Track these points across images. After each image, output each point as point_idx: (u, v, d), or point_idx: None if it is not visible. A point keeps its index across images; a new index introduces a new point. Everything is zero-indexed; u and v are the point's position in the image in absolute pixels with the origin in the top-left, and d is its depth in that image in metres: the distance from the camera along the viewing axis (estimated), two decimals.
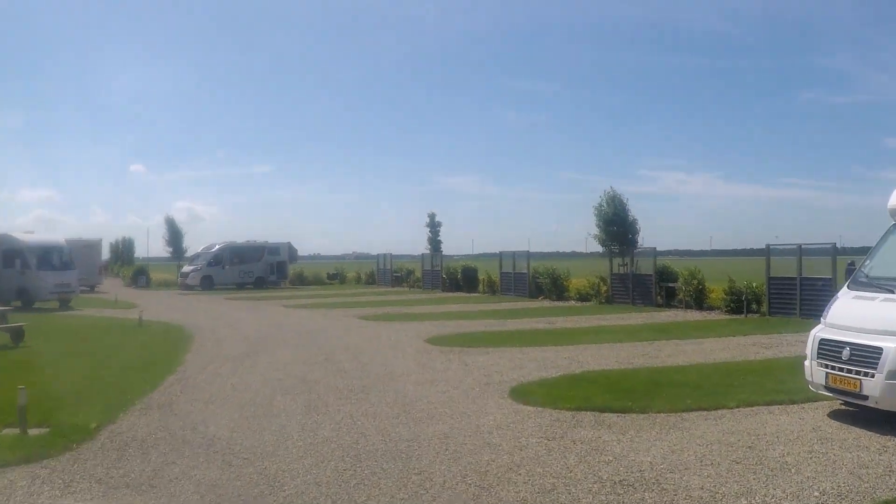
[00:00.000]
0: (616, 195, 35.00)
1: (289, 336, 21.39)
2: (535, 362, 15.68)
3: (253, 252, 54.88)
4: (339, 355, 16.98)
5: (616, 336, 20.61)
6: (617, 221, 34.61)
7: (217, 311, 32.44)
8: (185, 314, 30.10)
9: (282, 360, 16.30)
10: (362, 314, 29.08)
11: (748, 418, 10.35)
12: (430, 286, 49.19)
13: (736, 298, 28.41)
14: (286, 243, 56.79)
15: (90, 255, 50.09)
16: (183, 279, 52.97)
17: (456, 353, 17.20)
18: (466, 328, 23.26)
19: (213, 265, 52.99)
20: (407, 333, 21.71)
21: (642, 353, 17.17)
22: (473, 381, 13.50)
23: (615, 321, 25.56)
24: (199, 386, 13.19)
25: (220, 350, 18.34)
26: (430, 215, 51.13)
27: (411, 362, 15.85)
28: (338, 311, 31.34)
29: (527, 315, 28.29)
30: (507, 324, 24.78)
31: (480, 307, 32.97)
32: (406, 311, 31.00)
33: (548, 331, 22.48)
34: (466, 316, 27.98)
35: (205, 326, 24.39)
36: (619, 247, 34.73)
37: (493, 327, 23.62)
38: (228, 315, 29.72)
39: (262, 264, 54.59)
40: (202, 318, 27.83)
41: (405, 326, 23.95)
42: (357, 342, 19.76)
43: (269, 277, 54.74)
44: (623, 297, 33.65)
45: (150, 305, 35.84)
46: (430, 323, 25.00)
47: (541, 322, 25.35)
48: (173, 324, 25.30)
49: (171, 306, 35.73)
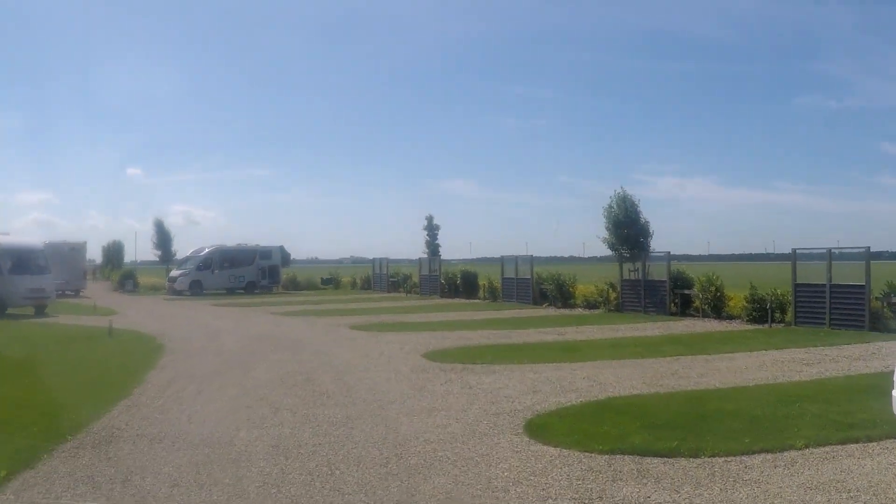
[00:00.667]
0: (627, 196, 32.82)
1: (269, 349, 19.21)
2: (550, 384, 13.52)
3: (244, 256, 52.67)
4: (323, 374, 14.78)
5: (635, 350, 18.48)
6: (628, 224, 32.43)
7: (199, 318, 30.26)
8: (163, 322, 27.95)
9: (256, 380, 14.11)
10: (354, 323, 26.89)
11: (826, 463, 8.24)
12: (427, 292, 47.00)
13: (758, 307, 26.34)
14: (278, 246, 54.63)
15: (74, 259, 48.00)
16: (171, 284, 50.72)
17: (457, 372, 15.02)
18: (468, 340, 21.10)
19: (202, 269, 50.74)
20: (402, 346, 19.54)
21: (670, 372, 15.02)
22: (480, 410, 11.32)
23: (630, 332, 23.43)
24: (152, 416, 10.99)
25: (189, 366, 16.16)
26: (427, 218, 48.97)
27: (406, 384, 13.65)
28: (328, 319, 29.15)
29: (533, 325, 26.13)
30: (513, 335, 22.63)
31: (482, 315, 30.80)
32: (402, 319, 28.82)
33: (558, 344, 20.32)
34: (467, 325, 25.80)
35: (180, 337, 22.24)
36: (629, 251, 32.57)
37: (498, 339, 21.45)
38: (210, 324, 27.54)
39: (254, 268, 52.36)
40: (180, 327, 25.67)
41: (400, 338, 21.78)
42: (345, 357, 17.57)
43: (260, 282, 52.51)
44: (634, 305, 31.53)
45: (130, 312, 33.71)
46: (428, 334, 22.82)
47: (549, 333, 23.20)
48: (147, 334, 23.13)
49: (152, 313, 33.55)
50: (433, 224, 48.68)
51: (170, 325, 26.88)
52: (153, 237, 58.27)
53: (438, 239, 48.68)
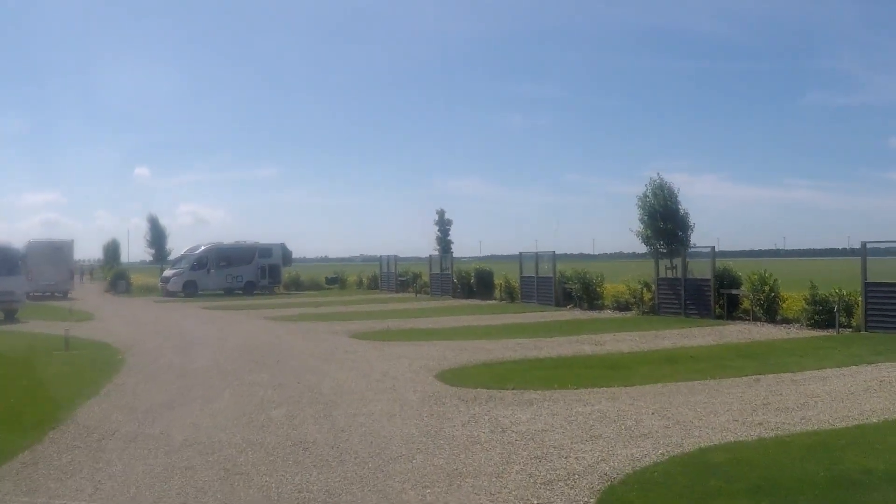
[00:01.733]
0: (664, 183, 29.18)
1: (248, 367, 15.70)
2: (610, 424, 9.98)
3: (242, 254, 49.17)
4: (306, 408, 11.24)
5: (697, 367, 14.94)
6: (665, 215, 28.81)
7: (182, 324, 26.82)
8: (140, 330, 24.57)
9: (214, 419, 10.59)
10: (356, 330, 23.38)
11: None
12: (439, 292, 43.47)
13: (821, 309, 22.80)
14: (279, 244, 51.14)
15: (60, 259, 44.63)
16: (163, 285, 47.32)
17: (483, 403, 11.47)
18: (489, 353, 17.58)
19: (196, 269, 47.27)
20: (410, 362, 16.02)
21: (759, 402, 11.49)
22: (522, 473, 7.78)
23: (679, 340, 19.92)
24: (44, 485, 7.51)
25: (139, 393, 12.69)
26: (438, 212, 45.32)
27: (414, 425, 10.09)
28: (327, 325, 25.63)
29: (561, 330, 22.64)
30: (542, 345, 19.11)
31: (502, 319, 27.26)
32: (411, 325, 25.28)
33: (600, 358, 16.79)
34: (487, 333, 22.26)
35: (149, 349, 18.85)
36: (667, 246, 28.97)
37: (525, 351, 17.93)
38: (192, 331, 24.08)
39: (253, 267, 48.86)
40: (155, 336, 22.27)
41: (408, 350, 18.27)
42: (339, 379, 14.02)
43: (259, 282, 49.01)
44: (672, 307, 27.96)
45: (109, 317, 30.35)
46: (442, 344, 19.29)
47: (584, 342, 19.71)
48: (112, 345, 19.73)
49: (133, 318, 30.14)
50: (445, 219, 45.10)
51: (146, 333, 23.52)
52: (146, 235, 54.87)
53: (451, 235, 45.13)
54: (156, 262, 55.42)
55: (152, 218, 54.76)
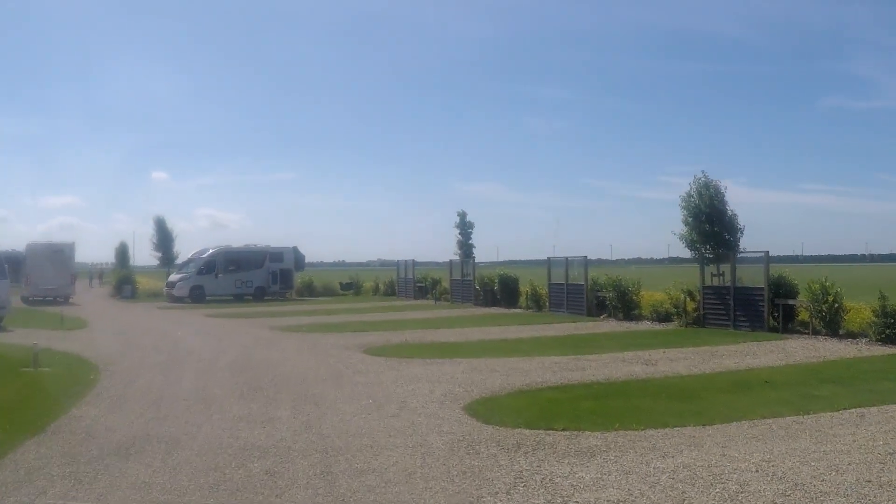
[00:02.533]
0: (710, 182, 26.42)
1: (237, 393, 13.10)
2: (708, 489, 7.29)
3: (252, 258, 46.74)
4: (298, 460, 8.54)
5: (782, 398, 12.31)
6: (712, 217, 26.08)
7: (179, 335, 24.30)
8: (128, 341, 22.12)
9: (174, 478, 7.95)
10: (370, 344, 20.77)
11: None
12: (460, 299, 40.83)
13: (892, 322, 20.10)
14: (291, 248, 48.60)
15: (60, 262, 42.30)
16: (169, 290, 44.93)
17: (529, 454, 8.77)
18: (526, 376, 14.92)
19: (203, 273, 44.87)
20: (432, 388, 13.40)
21: (884, 450, 8.82)
22: None
23: (741, 359, 17.27)
24: None
25: (95, 430, 10.13)
26: (459, 214, 42.55)
27: (442, 491, 7.38)
28: (338, 337, 23.03)
29: (602, 346, 20.00)
30: (585, 364, 16.48)
31: (532, 331, 24.58)
32: (432, 337, 22.64)
33: (659, 383, 14.11)
34: (518, 348, 19.64)
35: (129, 366, 16.35)
36: (713, 250, 26.23)
37: (568, 373, 15.27)
38: (186, 343, 21.56)
39: (263, 272, 46.40)
40: (143, 350, 19.79)
41: (430, 370, 15.64)
42: (345, 414, 11.37)
43: (270, 287, 46.57)
44: (719, 318, 25.27)
45: (102, 326, 27.94)
46: (468, 363, 16.66)
47: (632, 360, 17.09)
48: (89, 361, 17.26)
49: (127, 326, 27.72)
50: (466, 221, 42.35)
51: (135, 345, 21.06)
52: (153, 237, 52.43)
53: (472, 238, 42.41)
54: (163, 266, 53.02)
55: (158, 220, 52.39)
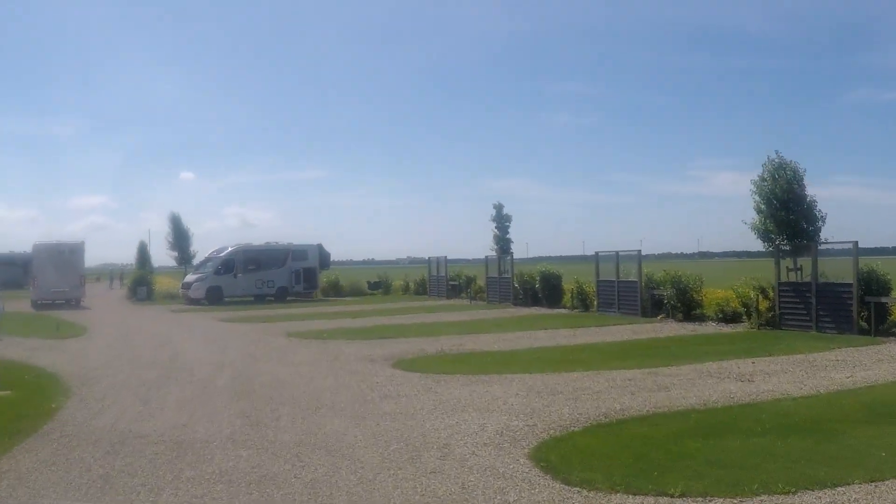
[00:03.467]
0: (786, 163, 23.00)
1: (227, 432, 9.91)
2: None
3: (273, 256, 43.74)
4: None
5: None
6: (788, 203, 22.71)
7: (180, 345, 21.27)
8: (121, 352, 19.20)
9: None
10: (401, 354, 17.63)
11: None
12: (497, 298, 37.53)
13: None
14: (315, 245, 45.59)
15: (69, 263, 39.62)
16: (185, 291, 42.10)
17: None
18: (598, 399, 11.68)
19: (221, 273, 41.91)
20: (483, 421, 10.17)
21: None
22: None
23: (855, 372, 14.00)
24: None
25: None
26: (496, 206, 39.33)
27: None
28: (363, 345, 19.86)
29: (674, 355, 16.74)
30: (666, 381, 13.23)
31: (586, 336, 21.29)
32: (472, 345, 19.43)
33: (773, 408, 10.80)
34: (577, 359, 16.36)
35: (104, 389, 13.33)
36: (790, 241, 22.85)
37: (649, 395, 12.00)
38: (185, 355, 18.52)
39: (286, 271, 43.44)
40: (131, 364, 16.80)
41: (477, 393, 12.41)
42: (369, 469, 8.10)
43: (293, 287, 43.58)
44: (799, 319, 21.90)
45: (102, 332, 25.14)
46: (522, 382, 13.42)
47: (721, 375, 13.90)
48: (62, 380, 14.34)
49: (128, 334, 24.79)
50: (503, 214, 39.11)
51: (126, 358, 18.13)
52: (168, 236, 49.60)
53: (510, 233, 39.15)
54: (179, 266, 50.19)
55: (174, 217, 49.51)
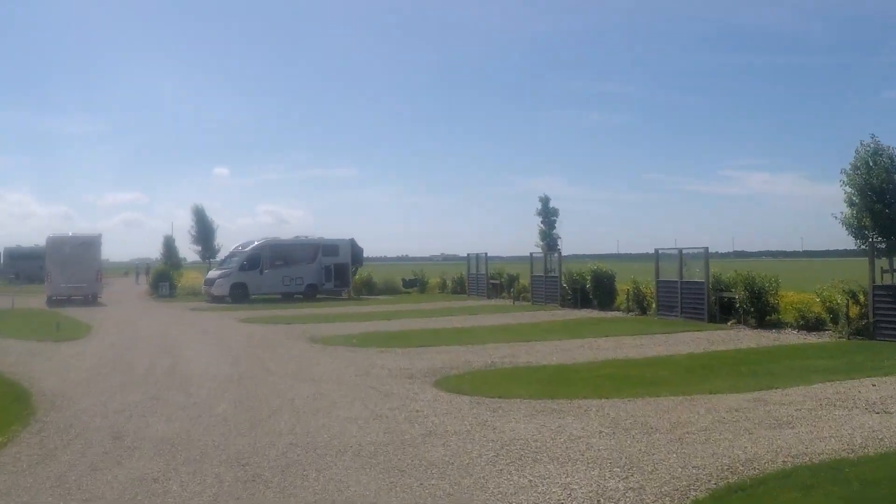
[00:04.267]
0: (882, 148, 19.98)
1: (206, 498, 7.20)
2: None
3: (302, 252, 40.95)
4: None
5: None
6: (885, 194, 19.66)
7: (185, 351, 18.55)
8: (114, 362, 16.55)
9: None
10: (443, 368, 14.75)
11: None
12: (542, 299, 34.50)
13: None
14: (347, 240, 42.78)
15: (84, 257, 37.21)
16: (207, 288, 39.49)
17: None
18: (709, 440, 8.76)
19: (247, 269, 39.16)
20: (569, 483, 7.20)
21: None
22: None
23: None
24: None
25: None
26: (542, 200, 36.54)
27: None
28: (399, 356, 16.97)
29: (773, 374, 13.72)
30: (783, 414, 10.27)
31: (655, 346, 18.26)
32: (526, 356, 16.48)
33: None
34: (660, 379, 13.32)
35: (73, 415, 10.60)
36: (886, 238, 19.74)
37: (772, 434, 9.07)
38: (185, 367, 15.73)
39: (315, 267, 40.71)
40: (122, 377, 14.13)
41: (547, 431, 9.43)
42: None
43: (323, 285, 40.83)
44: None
45: (105, 333, 22.65)
46: (603, 413, 10.42)
47: (841, 402, 11.06)
48: (33, 397, 11.80)
49: (134, 337, 22.06)
50: (549, 208, 36.25)
51: (119, 369, 15.48)
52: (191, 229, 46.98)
53: (557, 228, 36.20)
54: (203, 261, 47.60)
55: (197, 209, 46.82)
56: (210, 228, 46.62)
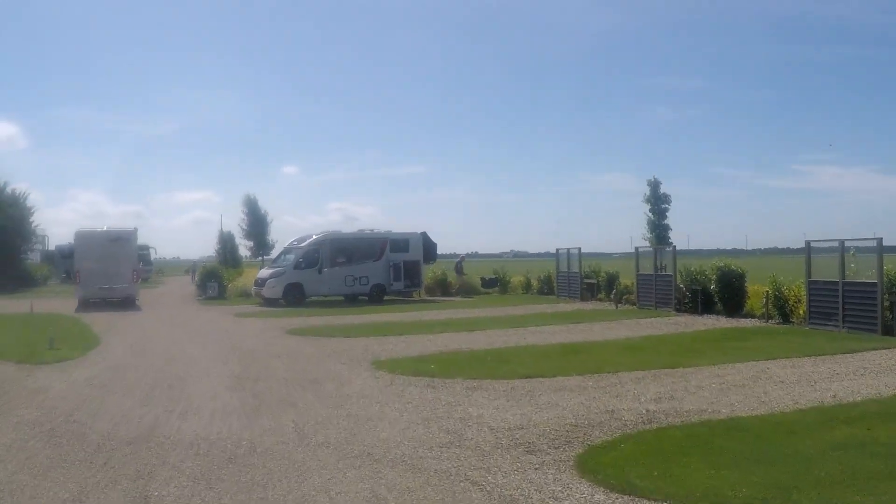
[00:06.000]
0: None
1: None
2: None
3: (367, 247, 35.51)
4: None
5: None
6: None
7: (196, 389, 13.26)
8: (86, 400, 11.33)
9: None
10: (579, 424, 9.16)
11: None
12: (651, 302, 28.43)
13: None
14: (419, 234, 37.23)
15: (118, 254, 32.30)
16: (258, 289, 34.34)
17: None
18: None
19: (303, 267, 33.81)
20: None
21: None
22: None
23: None
24: None
25: None
26: (650, 183, 30.48)
27: None
28: (501, 397, 11.29)
29: None
30: None
31: (858, 378, 12.39)
32: (693, 402, 10.77)
33: None
34: None
35: None
36: None
37: None
38: (185, 421, 10.47)
39: (382, 265, 35.23)
40: (83, 440, 8.95)
41: None
42: None
43: (391, 285, 35.31)
44: None
45: (112, 348, 17.72)
46: None
47: None
48: None
49: (145, 354, 16.91)
50: (659, 194, 30.21)
51: (92, 412, 10.32)
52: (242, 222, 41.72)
53: (668, 218, 30.20)
54: (255, 258, 42.35)
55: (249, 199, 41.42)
56: (263, 221, 41.23)
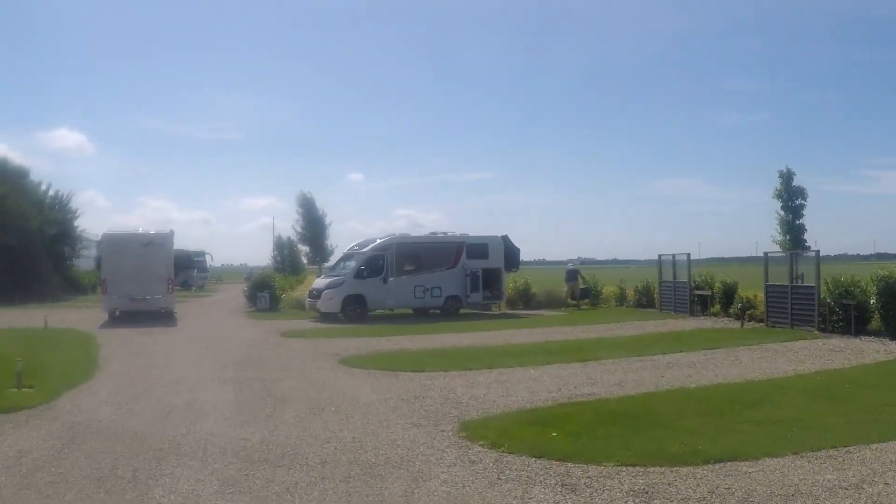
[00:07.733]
0: None
1: None
2: None
3: (440, 252, 30.61)
4: None
5: None
6: None
7: (185, 477, 8.73)
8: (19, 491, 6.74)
9: None
10: None
11: None
12: (787, 320, 22.75)
13: None
14: (499, 237, 32.10)
15: (153, 261, 27.92)
16: (312, 301, 29.60)
17: None
18: None
19: (365, 276, 29.03)
20: None
21: None
22: None
23: None
24: None
25: None
26: (782, 175, 25.00)
27: None
28: (719, 488, 6.59)
29: None
30: None
31: None
32: None
33: None
34: None
35: None
36: None
37: None
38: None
39: (457, 273, 30.32)
40: None
41: None
42: None
43: (469, 297, 30.36)
44: None
45: (104, 383, 13.22)
46: None
47: None
48: None
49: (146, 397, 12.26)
50: (793, 188, 24.80)
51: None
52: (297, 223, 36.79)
53: (804, 217, 24.76)
54: (311, 265, 37.54)
55: (304, 199, 36.35)
56: (320, 223, 36.28)
